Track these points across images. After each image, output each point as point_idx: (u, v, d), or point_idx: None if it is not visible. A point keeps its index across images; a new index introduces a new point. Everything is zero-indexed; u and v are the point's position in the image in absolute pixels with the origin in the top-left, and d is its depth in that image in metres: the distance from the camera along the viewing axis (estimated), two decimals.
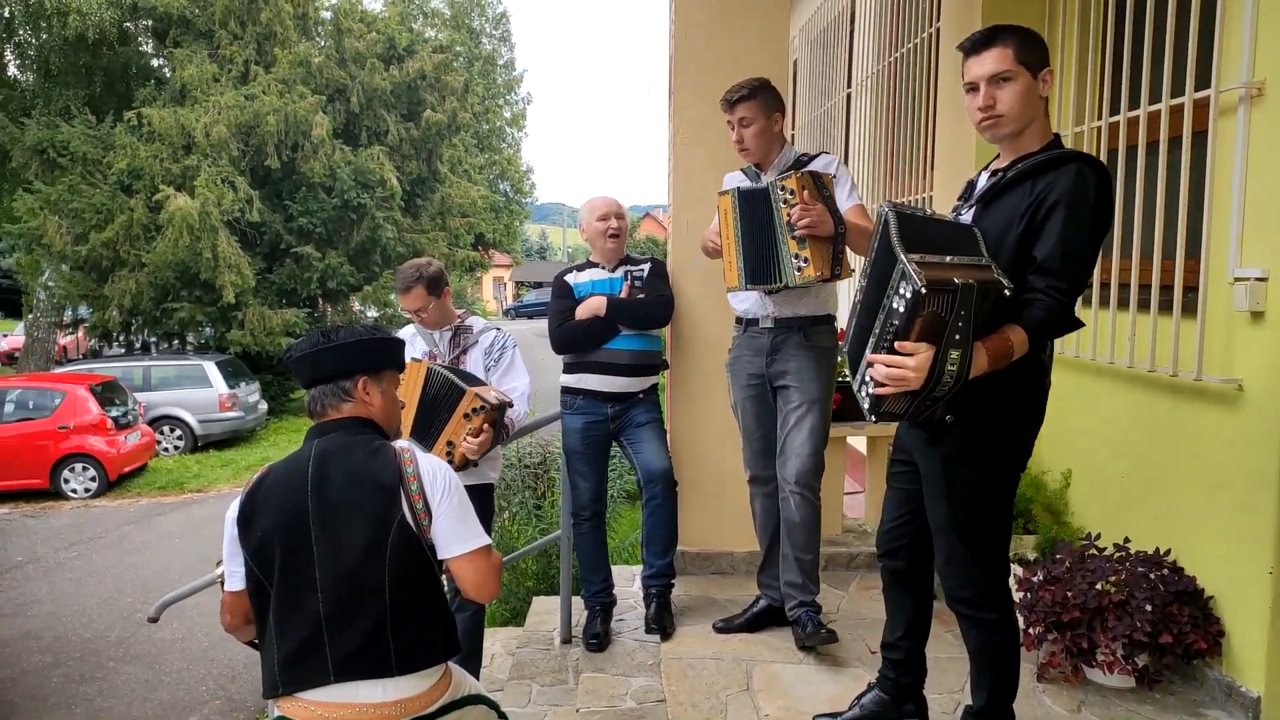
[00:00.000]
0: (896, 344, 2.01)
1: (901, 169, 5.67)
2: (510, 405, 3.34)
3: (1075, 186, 2.08)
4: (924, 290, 1.92)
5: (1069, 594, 3.02)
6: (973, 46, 2.21)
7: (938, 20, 4.88)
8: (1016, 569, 3.43)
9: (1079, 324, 2.18)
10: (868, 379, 2.11)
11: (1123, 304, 3.43)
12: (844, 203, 3.14)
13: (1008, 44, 2.16)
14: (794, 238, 3.01)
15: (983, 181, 2.33)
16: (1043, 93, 2.20)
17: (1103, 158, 3.65)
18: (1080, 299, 3.68)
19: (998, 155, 2.33)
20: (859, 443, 5.20)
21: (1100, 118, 3.63)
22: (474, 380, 3.32)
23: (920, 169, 5.38)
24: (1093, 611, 2.98)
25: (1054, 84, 3.93)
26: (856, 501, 4.97)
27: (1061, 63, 3.90)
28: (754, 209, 3.09)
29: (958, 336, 1.97)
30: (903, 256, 1.99)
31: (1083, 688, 3.03)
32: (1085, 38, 3.75)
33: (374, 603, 1.98)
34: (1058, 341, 3.86)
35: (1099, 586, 3.00)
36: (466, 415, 3.16)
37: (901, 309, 1.99)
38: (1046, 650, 3.09)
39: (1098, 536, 3.31)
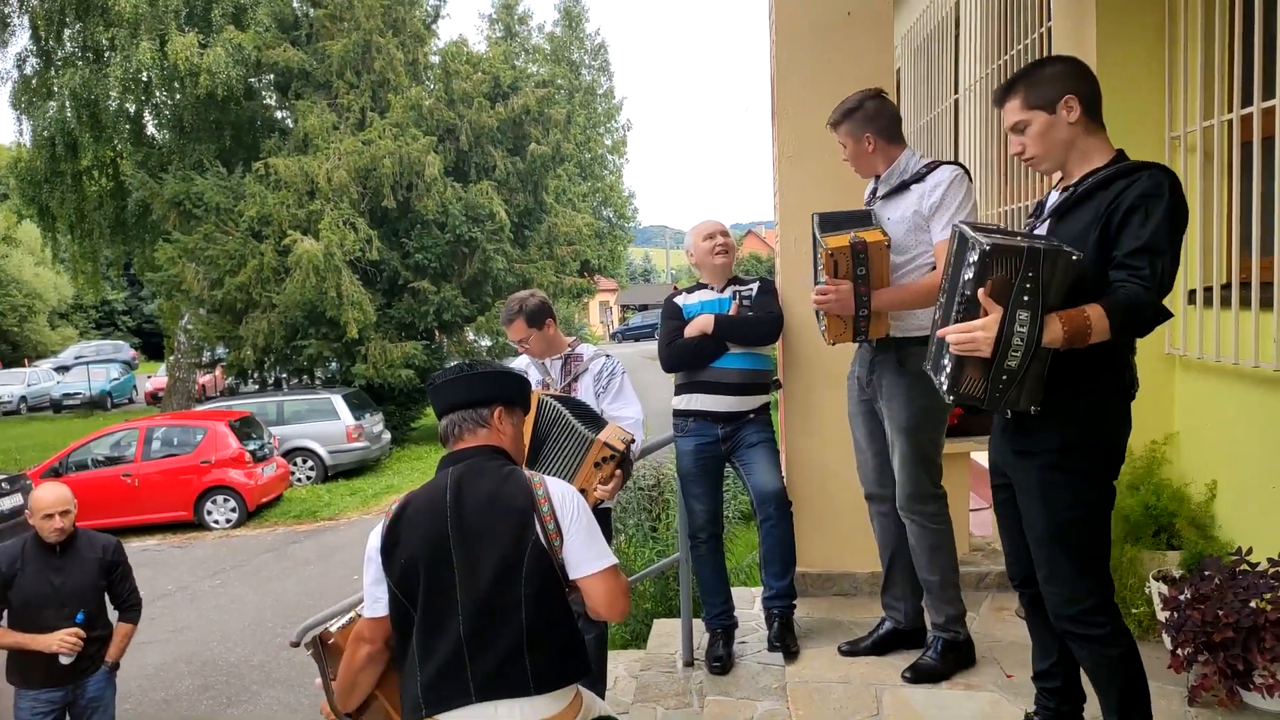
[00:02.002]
0: (978, 296, 2.06)
1: (1015, 174, 5.50)
2: (633, 442, 3.37)
3: (1147, 190, 2.14)
4: (989, 248, 2.01)
5: (1220, 612, 2.85)
6: (997, 101, 2.40)
7: (1049, 19, 4.74)
8: (1161, 587, 3.26)
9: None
10: (945, 360, 2.16)
11: (1266, 304, 3.24)
12: (940, 234, 2.99)
13: (1016, 94, 2.32)
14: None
15: (1054, 198, 2.39)
16: (1069, 120, 2.27)
17: (1236, 151, 3.47)
18: (1219, 299, 3.50)
19: (1061, 177, 2.39)
20: (982, 457, 5.03)
21: (1231, 110, 3.45)
22: (588, 414, 3.36)
23: (1035, 174, 5.21)
24: (1247, 630, 2.79)
25: (1179, 75, 3.78)
26: (983, 518, 4.81)
27: (1185, 53, 3.73)
28: (814, 243, 3.06)
29: (1026, 298, 2.02)
30: (969, 231, 2.11)
31: (1240, 712, 2.84)
32: (1210, 30, 3.57)
33: (512, 622, 2.04)
34: (1192, 346, 3.69)
35: (1253, 604, 2.82)
36: (597, 464, 3.20)
37: (970, 276, 2.06)
38: (1197, 672, 2.92)
39: (1249, 551, 3.11)
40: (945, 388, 2.18)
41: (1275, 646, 2.73)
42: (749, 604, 4.26)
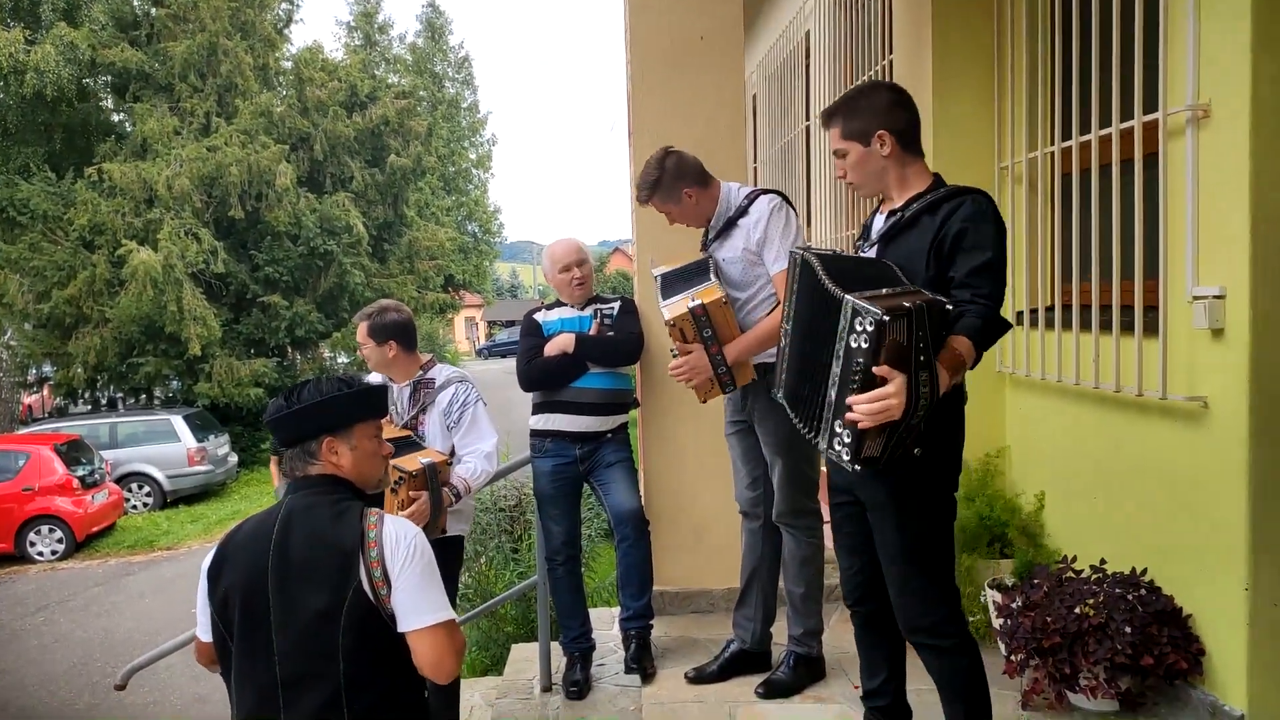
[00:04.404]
0: (875, 370, 1.99)
1: (862, 198, 5.72)
2: (449, 463, 3.23)
3: (972, 213, 2.26)
4: (886, 319, 1.95)
5: (1048, 619, 3.01)
6: (823, 124, 2.51)
7: (891, 52, 4.96)
8: (995, 595, 3.42)
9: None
10: (841, 430, 2.09)
11: (1085, 325, 3.46)
12: (774, 265, 3.09)
13: (836, 124, 2.44)
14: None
15: (879, 222, 2.47)
16: (882, 153, 2.38)
17: (1057, 182, 3.71)
18: (1044, 321, 3.73)
19: (883, 200, 2.50)
20: None
21: (1053, 143, 3.68)
22: (407, 445, 3.21)
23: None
24: (1073, 636, 2.96)
25: (1006, 110, 4.01)
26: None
27: (1012, 90, 3.96)
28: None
29: (923, 358, 2.01)
30: (848, 296, 2.04)
31: (1068, 714, 3.00)
32: (1034, 65, 3.81)
33: (329, 671, 1.90)
34: (1020, 364, 3.91)
35: (1078, 610, 2.99)
36: (393, 489, 3.02)
37: (865, 344, 2.00)
38: (1029, 677, 3.07)
39: (1074, 559, 3.31)
40: (848, 459, 2.08)
41: (1097, 650, 2.90)
42: (608, 624, 4.22)
